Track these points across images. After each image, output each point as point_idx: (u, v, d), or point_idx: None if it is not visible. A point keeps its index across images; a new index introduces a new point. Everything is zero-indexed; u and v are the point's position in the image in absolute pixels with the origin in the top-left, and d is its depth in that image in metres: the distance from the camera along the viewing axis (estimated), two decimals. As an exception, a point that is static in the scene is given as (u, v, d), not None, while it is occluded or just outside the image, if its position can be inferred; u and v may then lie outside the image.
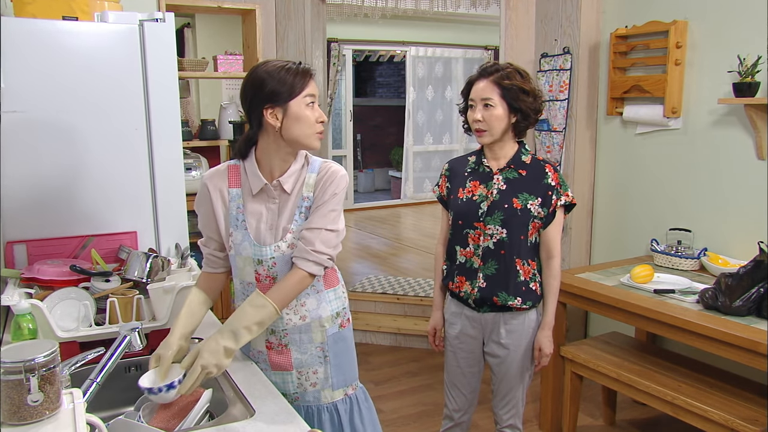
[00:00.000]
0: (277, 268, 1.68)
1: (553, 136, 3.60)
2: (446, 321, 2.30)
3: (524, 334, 2.17)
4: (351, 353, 1.86)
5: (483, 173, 2.14)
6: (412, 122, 8.48)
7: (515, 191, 2.09)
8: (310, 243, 1.63)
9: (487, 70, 2.07)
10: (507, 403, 2.25)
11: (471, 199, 2.13)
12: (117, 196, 2.33)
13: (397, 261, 6.22)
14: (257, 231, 1.69)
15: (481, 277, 2.12)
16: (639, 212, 3.45)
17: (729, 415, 2.28)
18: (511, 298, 2.11)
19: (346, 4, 6.13)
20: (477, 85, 2.07)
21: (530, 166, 2.12)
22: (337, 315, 1.80)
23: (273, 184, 1.67)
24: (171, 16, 2.38)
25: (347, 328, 1.85)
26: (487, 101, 2.03)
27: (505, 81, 2.02)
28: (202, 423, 1.52)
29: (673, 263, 3.02)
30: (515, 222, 2.07)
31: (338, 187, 1.67)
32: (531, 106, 2.05)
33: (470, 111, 2.09)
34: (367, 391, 1.91)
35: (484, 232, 2.10)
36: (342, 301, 1.83)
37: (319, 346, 1.78)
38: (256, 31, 3.77)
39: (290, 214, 1.68)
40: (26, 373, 1.18)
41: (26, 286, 1.91)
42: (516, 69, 2.06)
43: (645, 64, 3.27)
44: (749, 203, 2.91)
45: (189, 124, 4.08)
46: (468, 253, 2.15)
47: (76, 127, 2.24)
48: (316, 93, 1.65)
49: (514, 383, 2.22)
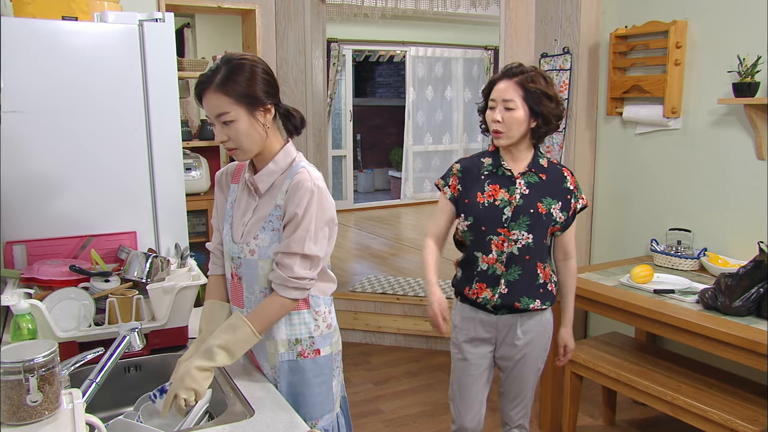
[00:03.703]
0: (241, 269, 1.66)
1: (553, 136, 3.60)
2: (456, 327, 2.21)
3: (540, 334, 2.15)
4: (312, 389, 1.67)
5: (503, 177, 2.07)
6: (412, 122, 8.48)
7: (538, 195, 2.05)
8: (288, 269, 1.56)
9: (511, 70, 2.01)
10: (519, 404, 2.23)
11: (493, 204, 2.05)
12: (117, 196, 2.33)
13: (397, 261, 6.22)
14: (234, 226, 1.69)
15: (503, 283, 2.07)
16: (639, 212, 3.45)
17: (729, 415, 2.27)
18: (532, 301, 2.08)
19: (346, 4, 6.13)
20: (499, 85, 2.01)
21: (549, 170, 2.09)
22: (297, 342, 1.65)
23: (250, 181, 1.66)
24: (171, 16, 2.38)
25: (312, 359, 1.66)
26: (509, 103, 1.98)
27: (529, 84, 1.97)
28: (202, 423, 1.53)
29: (673, 263, 3.02)
30: (540, 227, 2.04)
31: (300, 205, 1.55)
32: (553, 112, 2.00)
33: (490, 111, 2.04)
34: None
35: (509, 238, 2.04)
36: (308, 329, 1.66)
37: (272, 368, 1.68)
38: (255, 31, 3.77)
39: (260, 218, 1.63)
40: (25, 374, 1.18)
41: (26, 286, 1.91)
42: (540, 73, 2.01)
43: (645, 64, 3.27)
44: (749, 203, 2.91)
45: (189, 124, 4.08)
46: (491, 260, 2.07)
47: (76, 127, 2.24)
48: (209, 113, 1.56)
49: (526, 383, 2.20)
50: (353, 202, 9.16)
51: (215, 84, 1.53)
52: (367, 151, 10.77)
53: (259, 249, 1.61)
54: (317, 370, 1.68)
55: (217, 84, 1.53)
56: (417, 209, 8.95)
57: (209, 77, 1.54)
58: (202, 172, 3.69)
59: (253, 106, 1.56)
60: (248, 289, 1.66)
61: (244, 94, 1.54)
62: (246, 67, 1.55)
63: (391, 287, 4.86)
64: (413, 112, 8.48)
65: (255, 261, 1.62)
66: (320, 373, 1.68)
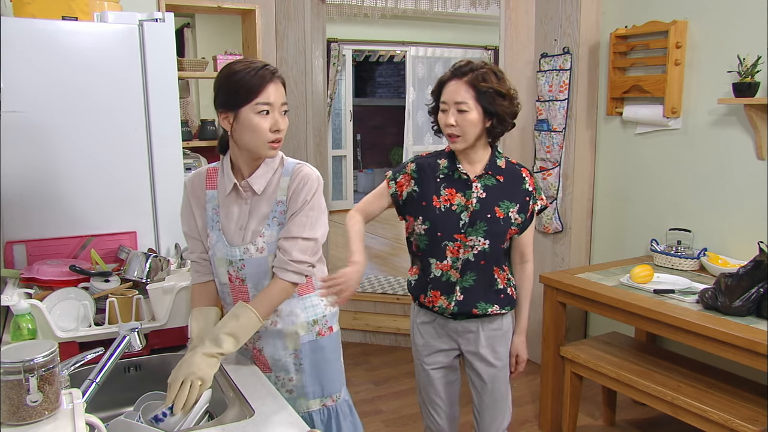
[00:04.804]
0: (245, 270, 1.68)
1: (553, 136, 3.60)
2: (414, 331, 2.15)
3: (504, 339, 2.08)
4: (332, 364, 1.81)
5: (459, 180, 1.97)
6: (412, 122, 8.48)
7: (495, 199, 1.96)
8: (287, 253, 1.63)
9: (460, 69, 1.89)
10: (495, 418, 2.13)
11: (450, 209, 1.96)
12: (117, 196, 2.34)
13: (397, 261, 6.22)
14: (228, 231, 1.69)
15: (458, 290, 1.99)
16: (639, 212, 3.45)
17: (729, 415, 2.27)
18: (490, 305, 2.01)
19: (346, 4, 6.13)
20: (449, 86, 1.90)
21: (506, 171, 1.99)
22: (314, 323, 1.77)
23: (242, 184, 1.67)
24: (171, 16, 2.38)
25: (328, 336, 1.79)
26: (461, 105, 1.87)
27: (481, 83, 1.85)
28: (202, 423, 1.52)
29: (673, 263, 3.02)
30: (498, 232, 1.95)
31: (309, 193, 1.65)
32: (507, 110, 1.90)
33: (442, 114, 1.93)
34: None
35: (465, 244, 1.95)
36: (320, 309, 1.78)
37: (293, 353, 1.76)
38: (255, 31, 3.77)
39: (262, 217, 1.67)
40: (25, 374, 1.18)
41: (26, 287, 1.91)
42: (491, 69, 1.90)
43: (645, 64, 3.27)
44: (749, 203, 2.91)
45: (189, 124, 4.07)
46: (445, 266, 1.99)
47: (76, 127, 2.24)
48: (274, 100, 1.58)
49: (499, 392, 2.12)
50: (353, 202, 9.16)
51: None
52: (367, 151, 10.76)
53: (267, 246, 1.67)
54: (332, 345, 1.81)
55: None
56: (417, 209, 8.94)
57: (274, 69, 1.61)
58: (202, 172, 3.69)
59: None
60: (254, 288, 1.70)
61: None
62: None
63: (391, 287, 4.85)
64: (413, 112, 8.48)
65: (265, 257, 1.67)
66: (335, 348, 1.83)
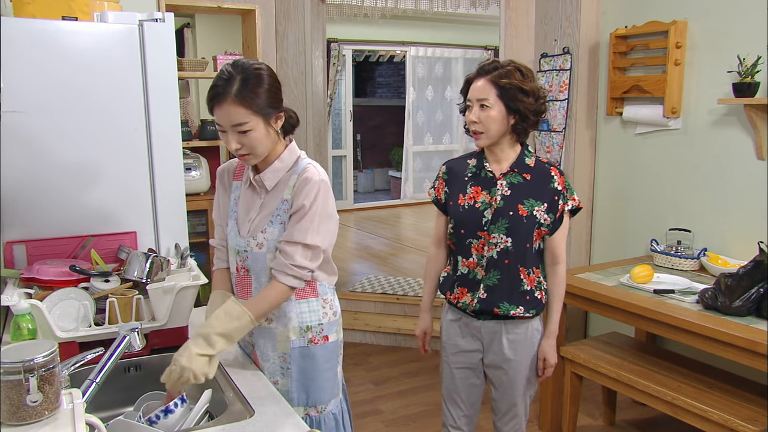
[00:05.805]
0: (248, 262, 1.71)
1: (553, 136, 3.60)
2: (442, 327, 2.18)
3: (528, 345, 2.06)
4: (323, 374, 1.75)
5: (485, 178, 2.01)
6: (412, 122, 8.48)
7: (520, 197, 1.97)
8: (290, 257, 1.62)
9: (485, 68, 1.95)
10: (511, 419, 2.14)
11: (473, 206, 2.00)
12: (117, 196, 2.33)
13: (397, 261, 6.22)
14: (240, 222, 1.73)
15: (482, 288, 2.02)
16: (639, 212, 3.45)
17: (729, 415, 2.27)
18: (513, 307, 2.00)
19: (346, 4, 6.14)
20: (475, 84, 1.95)
21: (534, 169, 2.00)
22: (308, 329, 1.72)
23: (255, 179, 1.70)
24: (171, 16, 2.38)
25: (321, 345, 1.74)
26: (484, 101, 1.91)
27: (502, 80, 1.89)
28: (202, 423, 1.52)
29: (673, 263, 3.02)
30: (521, 230, 1.96)
31: (309, 195, 1.61)
32: (530, 107, 1.92)
33: (467, 111, 1.98)
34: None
35: (489, 242, 1.98)
36: (317, 316, 1.73)
37: (281, 356, 1.73)
38: (255, 31, 3.77)
39: (268, 213, 1.68)
40: (25, 374, 1.18)
41: (26, 287, 1.91)
42: (517, 67, 1.94)
43: (645, 64, 3.27)
44: (749, 203, 2.91)
45: (189, 124, 4.07)
46: (471, 263, 2.03)
47: (75, 127, 2.24)
48: (222, 123, 1.56)
49: (517, 397, 2.11)
50: (353, 202, 9.17)
51: (233, 95, 1.53)
52: (367, 151, 10.77)
53: (267, 242, 1.67)
54: (327, 355, 1.75)
55: (235, 95, 1.53)
56: (417, 209, 8.95)
57: (225, 88, 1.53)
58: (202, 172, 3.69)
59: (270, 115, 1.59)
60: (256, 281, 1.72)
61: (264, 106, 1.56)
62: (264, 78, 1.57)
63: (391, 287, 4.86)
64: (413, 112, 8.48)
65: (263, 254, 1.68)
66: (329, 358, 1.76)
